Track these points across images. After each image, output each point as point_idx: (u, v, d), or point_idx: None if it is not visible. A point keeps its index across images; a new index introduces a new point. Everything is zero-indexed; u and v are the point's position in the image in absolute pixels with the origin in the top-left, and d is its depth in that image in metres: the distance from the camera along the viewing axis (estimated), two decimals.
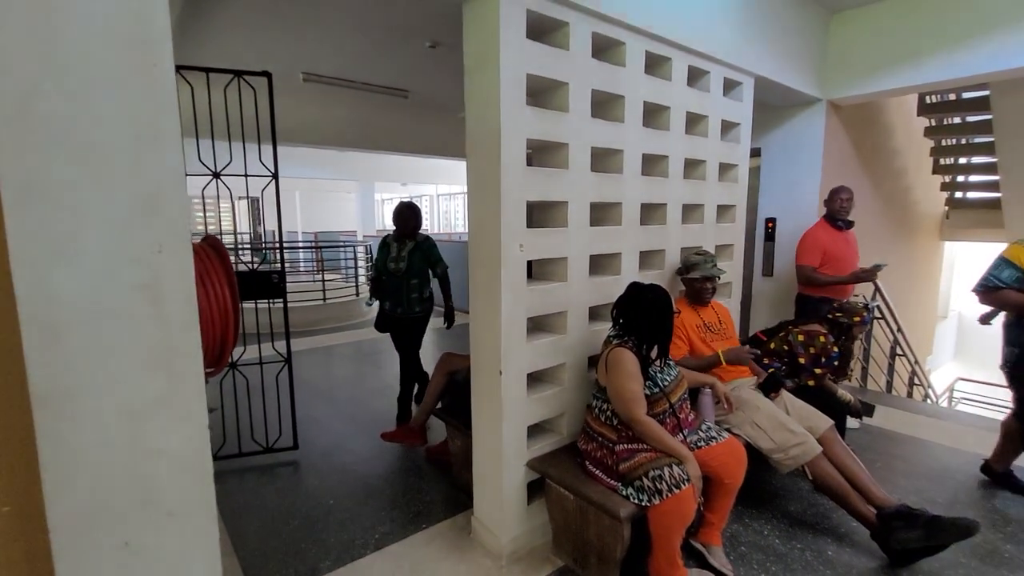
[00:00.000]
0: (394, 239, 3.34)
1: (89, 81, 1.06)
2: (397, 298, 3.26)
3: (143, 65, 1.13)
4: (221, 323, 1.82)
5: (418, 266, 3.26)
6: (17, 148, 1.01)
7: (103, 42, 1.07)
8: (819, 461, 2.15)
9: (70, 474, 1.12)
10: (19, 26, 0.99)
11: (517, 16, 1.83)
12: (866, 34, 3.47)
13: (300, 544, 2.20)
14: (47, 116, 1.03)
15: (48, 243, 1.05)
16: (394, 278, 3.25)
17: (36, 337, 1.06)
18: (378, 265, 3.36)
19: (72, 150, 1.06)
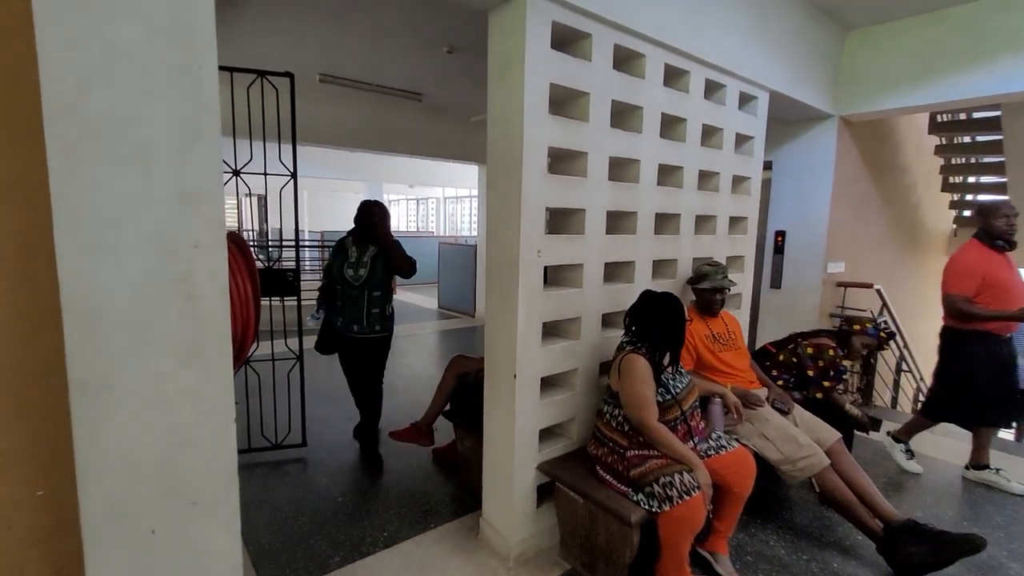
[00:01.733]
0: (353, 243, 2.81)
1: (137, 82, 1.10)
2: (354, 313, 2.77)
3: (188, 67, 1.16)
4: (243, 318, 1.85)
5: (381, 275, 2.77)
6: (66, 145, 1.05)
7: (151, 45, 1.11)
8: (826, 473, 2.17)
9: (102, 461, 1.15)
10: (74, 30, 1.02)
11: (543, 26, 1.86)
12: (880, 52, 3.50)
13: (309, 540, 2.23)
14: (97, 115, 1.07)
15: (92, 235, 1.08)
16: (351, 288, 2.75)
17: (77, 326, 1.09)
18: (332, 272, 2.82)
19: (118, 147, 1.09)
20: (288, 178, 2.85)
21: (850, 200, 4.00)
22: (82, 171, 1.05)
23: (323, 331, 2.95)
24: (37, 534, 1.16)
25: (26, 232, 1.07)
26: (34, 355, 1.11)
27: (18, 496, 1.14)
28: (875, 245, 4.61)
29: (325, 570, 2.04)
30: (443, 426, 2.86)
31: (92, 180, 1.06)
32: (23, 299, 1.09)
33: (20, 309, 1.09)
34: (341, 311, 2.82)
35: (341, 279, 2.77)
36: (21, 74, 1.03)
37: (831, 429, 2.35)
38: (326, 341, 2.96)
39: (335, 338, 2.92)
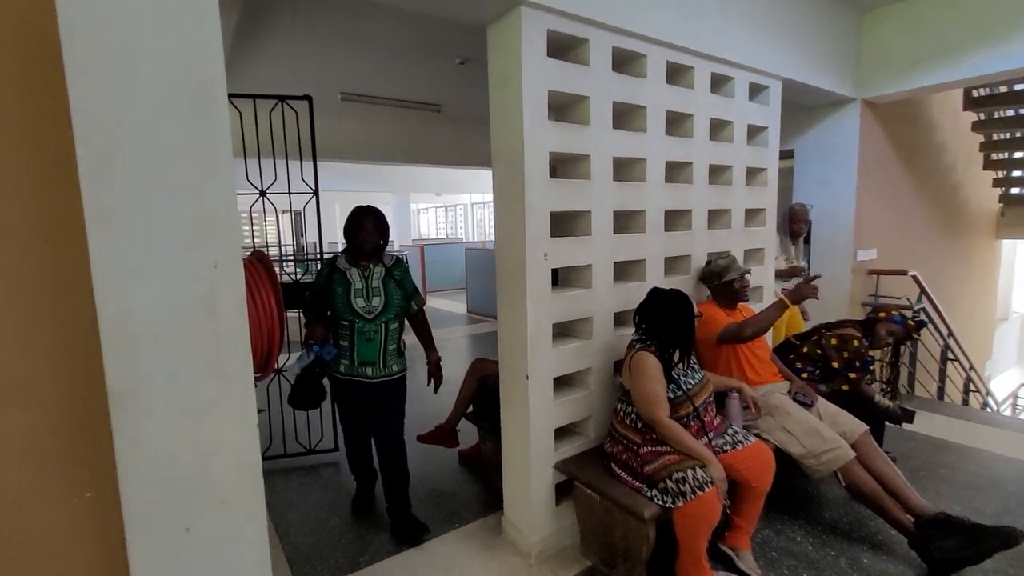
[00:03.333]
0: (351, 262, 2.25)
1: (160, 119, 1.21)
2: (369, 353, 2.21)
3: (203, 104, 1.27)
4: (268, 330, 1.97)
5: (399, 303, 2.26)
6: (101, 179, 1.17)
7: (172, 86, 1.22)
8: (852, 467, 2.12)
9: (140, 465, 1.26)
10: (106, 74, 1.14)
11: (538, 37, 1.92)
12: (901, 31, 3.39)
13: (340, 539, 2.33)
14: (125, 150, 1.18)
15: (124, 261, 1.20)
16: (364, 323, 2.20)
17: (113, 343, 1.21)
18: (333, 302, 2.23)
19: (145, 179, 1.21)
20: (310, 195, 2.99)
21: (879, 184, 3.87)
22: (113, 204, 1.17)
23: (306, 377, 2.27)
24: (87, 533, 1.29)
25: (67, 261, 1.20)
26: (79, 370, 1.23)
27: (68, 498, 1.27)
28: (910, 230, 4.42)
29: (355, 568, 2.14)
30: (470, 429, 2.93)
31: (122, 212, 1.18)
32: (66, 321, 1.21)
33: (64, 329, 1.22)
34: (349, 352, 2.22)
35: (349, 312, 2.19)
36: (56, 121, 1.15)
37: (857, 421, 2.29)
38: (310, 390, 2.30)
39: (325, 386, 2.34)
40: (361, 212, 2.26)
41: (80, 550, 1.28)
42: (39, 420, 1.22)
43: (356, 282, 2.23)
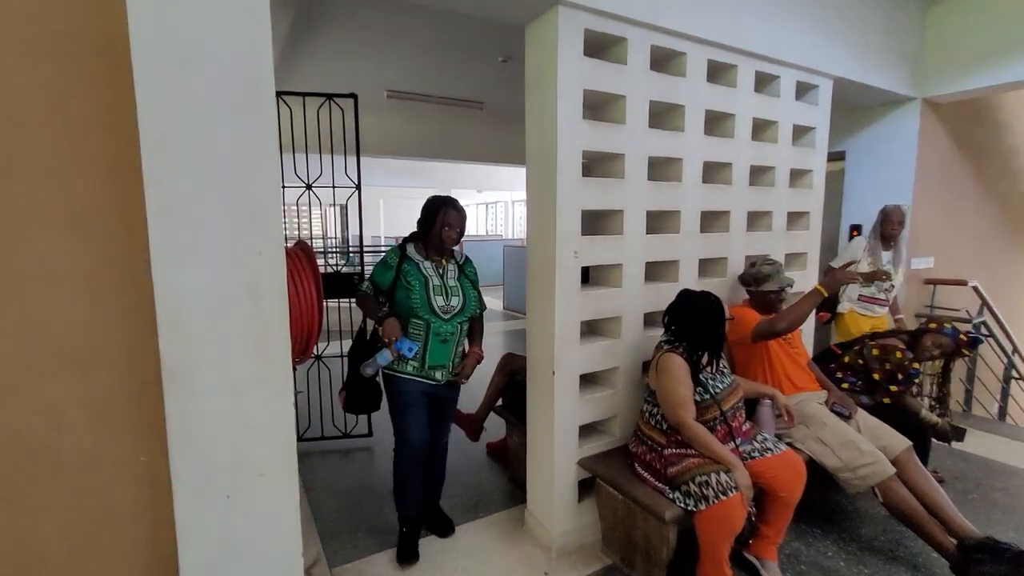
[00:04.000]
0: (424, 255, 2.06)
1: (211, 116, 1.31)
2: (442, 356, 2.04)
3: (252, 102, 1.36)
4: (308, 317, 2.08)
5: (476, 302, 2.14)
6: (159, 171, 1.27)
7: (222, 83, 1.31)
8: (891, 483, 2.04)
9: (188, 435, 1.37)
10: (162, 73, 1.24)
11: (574, 36, 1.93)
12: (967, 25, 3.18)
13: (371, 520, 2.43)
14: (182, 145, 1.28)
15: (178, 249, 1.30)
16: (441, 324, 2.01)
17: (168, 324, 1.32)
18: (414, 299, 1.99)
19: (198, 173, 1.31)
20: (353, 189, 3.11)
21: (938, 189, 3.65)
22: (170, 197, 1.27)
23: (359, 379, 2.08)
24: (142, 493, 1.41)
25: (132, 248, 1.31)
26: (140, 346, 1.35)
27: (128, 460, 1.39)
28: (973, 238, 4.15)
29: (382, 548, 2.22)
30: (499, 423, 2.97)
31: (178, 204, 1.28)
32: (130, 305, 1.33)
33: (127, 312, 1.33)
34: (420, 355, 2.02)
35: (426, 310, 1.98)
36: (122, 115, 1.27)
37: (899, 436, 2.19)
38: (367, 393, 2.15)
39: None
40: (445, 204, 2.02)
41: (135, 509, 1.41)
42: (102, 389, 1.34)
43: (432, 277, 2.02)
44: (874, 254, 3.21)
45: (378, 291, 2.10)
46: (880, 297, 3.24)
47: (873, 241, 3.23)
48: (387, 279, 2.06)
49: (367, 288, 2.13)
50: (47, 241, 1.25)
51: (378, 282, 2.09)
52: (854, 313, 3.28)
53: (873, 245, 3.22)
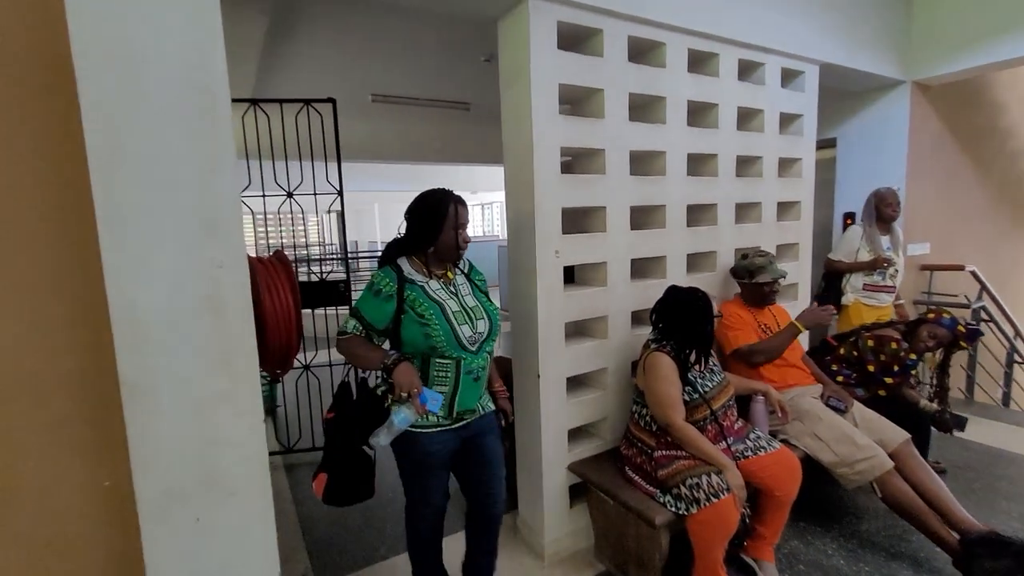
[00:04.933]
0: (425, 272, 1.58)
1: (165, 124, 1.25)
2: (471, 397, 1.58)
3: (206, 108, 1.31)
4: (285, 327, 2.02)
5: (498, 322, 1.66)
6: (109, 182, 1.22)
7: (172, 91, 1.25)
8: (890, 477, 1.98)
9: (152, 456, 1.31)
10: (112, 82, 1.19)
11: (547, 29, 1.88)
12: (956, 6, 3.12)
13: (361, 532, 2.38)
14: (133, 155, 1.23)
15: (131, 259, 1.25)
16: (471, 358, 1.55)
17: (125, 341, 1.26)
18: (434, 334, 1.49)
19: (150, 182, 1.25)
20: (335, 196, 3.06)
21: (932, 173, 3.59)
22: (121, 207, 1.22)
23: (348, 460, 1.60)
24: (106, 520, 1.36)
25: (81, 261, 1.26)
26: (95, 365, 1.30)
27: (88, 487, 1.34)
28: (970, 221, 4.08)
29: (371, 561, 2.17)
30: None
31: (129, 214, 1.23)
32: (81, 317, 1.28)
33: (82, 330, 1.28)
34: (446, 402, 1.54)
35: (454, 346, 1.51)
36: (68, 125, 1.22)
37: (897, 429, 2.13)
38: (360, 473, 1.62)
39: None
40: (450, 199, 1.55)
41: (100, 537, 1.35)
42: (60, 412, 1.29)
43: (448, 301, 1.54)
44: (872, 241, 3.13)
45: (371, 332, 1.56)
46: (886, 284, 3.13)
47: (869, 227, 3.15)
48: (386, 314, 1.51)
49: (353, 328, 1.56)
50: None
51: (371, 319, 1.53)
52: (859, 304, 3.18)
53: (870, 232, 3.14)
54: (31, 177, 1.22)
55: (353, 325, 1.57)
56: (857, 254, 3.15)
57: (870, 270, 3.11)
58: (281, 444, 3.28)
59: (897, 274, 3.16)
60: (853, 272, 3.17)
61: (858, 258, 3.14)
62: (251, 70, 3.53)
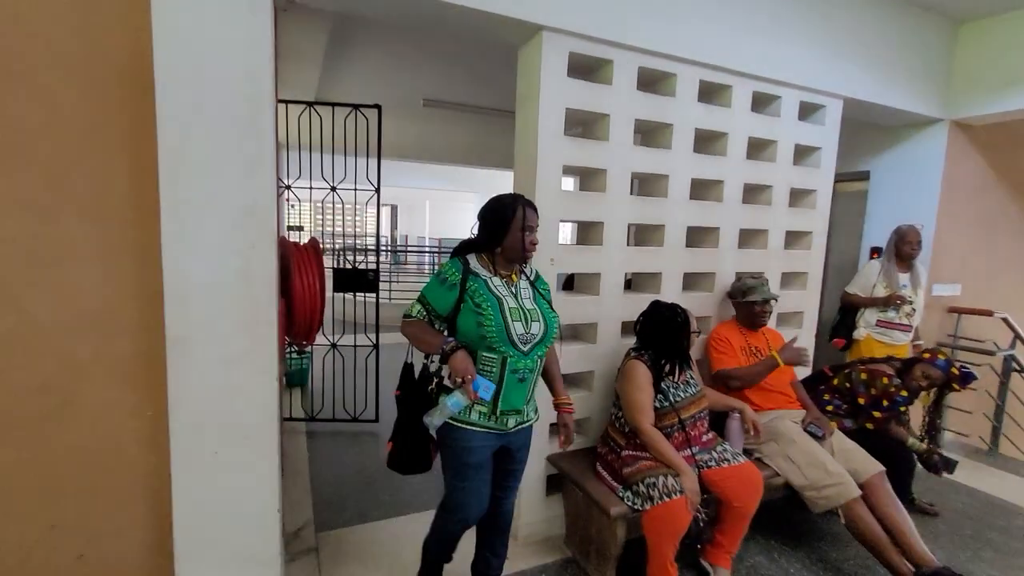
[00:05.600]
0: (491, 270, 1.64)
1: (218, 130, 1.55)
2: (518, 398, 1.62)
3: (253, 114, 1.60)
4: (311, 303, 2.32)
5: (555, 330, 1.69)
6: (173, 176, 1.52)
7: (228, 104, 1.55)
8: (855, 505, 2.04)
9: (184, 397, 1.61)
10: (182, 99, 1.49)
11: (559, 58, 2.07)
12: (1001, 45, 3.05)
13: (360, 496, 2.65)
14: (192, 155, 1.53)
15: (184, 238, 1.55)
16: (519, 357, 1.59)
17: (173, 301, 1.57)
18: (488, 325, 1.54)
19: (203, 177, 1.55)
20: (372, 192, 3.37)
21: (970, 215, 3.50)
22: (180, 196, 1.52)
23: (410, 432, 1.67)
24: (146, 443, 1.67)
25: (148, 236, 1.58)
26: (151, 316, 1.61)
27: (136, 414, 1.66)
28: (1016, 269, 3.92)
29: (364, 520, 2.44)
30: None
31: (186, 201, 1.53)
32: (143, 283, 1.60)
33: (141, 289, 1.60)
34: (494, 396, 1.58)
35: (503, 341, 1.55)
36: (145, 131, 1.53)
37: (872, 461, 2.18)
38: (422, 448, 1.70)
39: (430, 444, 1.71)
40: (520, 202, 1.61)
41: (140, 456, 1.67)
42: (121, 352, 1.61)
43: (506, 298, 1.59)
44: (889, 277, 3.12)
45: (433, 317, 1.63)
46: (900, 322, 3.11)
47: (888, 264, 3.14)
48: (449, 301, 1.59)
49: (418, 313, 1.64)
50: (78, 229, 1.53)
51: (435, 305, 1.61)
52: (870, 340, 3.16)
53: (888, 268, 3.13)
54: (117, 170, 1.55)
55: (418, 310, 1.65)
56: (873, 289, 3.14)
57: (884, 306, 3.10)
58: (306, 412, 3.63)
59: (914, 313, 3.12)
60: (867, 307, 3.16)
61: (874, 293, 3.13)
62: (315, 75, 3.91)
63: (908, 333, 3.14)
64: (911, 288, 3.11)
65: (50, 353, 1.52)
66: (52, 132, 1.48)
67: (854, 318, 3.23)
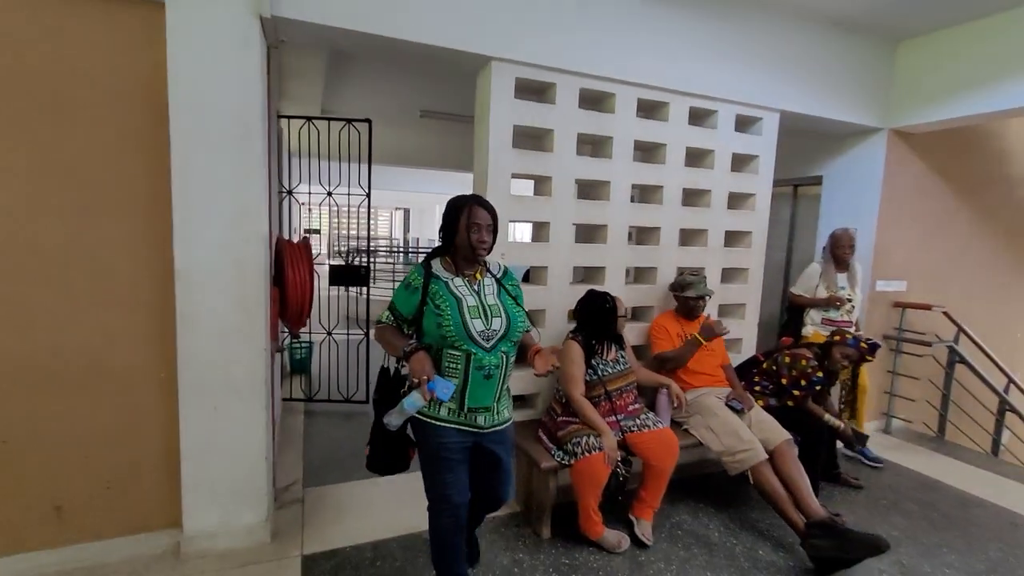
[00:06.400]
0: (453, 271, 1.71)
1: (218, 147, 1.96)
2: (484, 394, 1.67)
3: (245, 136, 2.00)
4: (301, 292, 2.72)
5: (521, 325, 1.72)
6: (183, 183, 1.93)
7: (226, 127, 1.96)
8: (761, 467, 2.36)
9: (190, 362, 2.02)
10: (189, 121, 1.90)
11: (506, 83, 2.44)
12: (935, 60, 3.33)
13: (345, 462, 3.03)
14: (197, 166, 1.93)
15: (191, 235, 1.96)
16: (483, 354, 1.63)
17: (183, 284, 1.97)
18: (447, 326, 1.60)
19: (206, 185, 1.95)
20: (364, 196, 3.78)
21: (913, 216, 3.76)
22: (189, 199, 1.93)
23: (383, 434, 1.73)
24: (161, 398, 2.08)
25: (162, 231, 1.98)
26: (164, 298, 2.01)
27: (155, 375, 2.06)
28: (966, 266, 4.15)
29: (348, 479, 2.81)
30: None
31: (193, 204, 1.94)
32: (159, 267, 2.00)
33: (157, 272, 2.01)
34: (456, 395, 1.64)
35: (464, 339, 1.61)
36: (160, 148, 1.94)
37: (781, 430, 2.49)
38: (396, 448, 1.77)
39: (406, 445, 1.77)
40: (468, 201, 1.67)
41: (154, 409, 2.07)
42: (141, 323, 2.02)
43: (466, 296, 1.65)
44: (828, 278, 3.37)
45: (401, 321, 1.72)
46: (842, 319, 3.34)
47: (826, 265, 3.40)
48: (412, 304, 1.66)
49: (387, 318, 1.74)
50: (109, 225, 1.94)
51: (401, 310, 1.70)
52: (819, 335, 3.32)
53: (827, 269, 3.39)
54: (140, 180, 1.96)
55: (387, 316, 1.74)
56: (816, 290, 3.40)
57: (825, 306, 3.35)
58: (304, 394, 4.04)
59: (853, 310, 3.37)
60: (810, 307, 3.42)
61: (816, 294, 3.39)
62: (318, 91, 4.33)
63: (850, 328, 3.34)
64: (848, 287, 3.37)
65: (87, 322, 1.94)
66: (91, 150, 1.89)
67: (801, 317, 3.48)
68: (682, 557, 2.26)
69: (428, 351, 1.61)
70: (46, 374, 1.92)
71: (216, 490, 2.11)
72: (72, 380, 1.95)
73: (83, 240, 1.91)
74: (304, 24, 2.09)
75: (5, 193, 1.81)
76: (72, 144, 1.87)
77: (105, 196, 1.93)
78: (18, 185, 1.82)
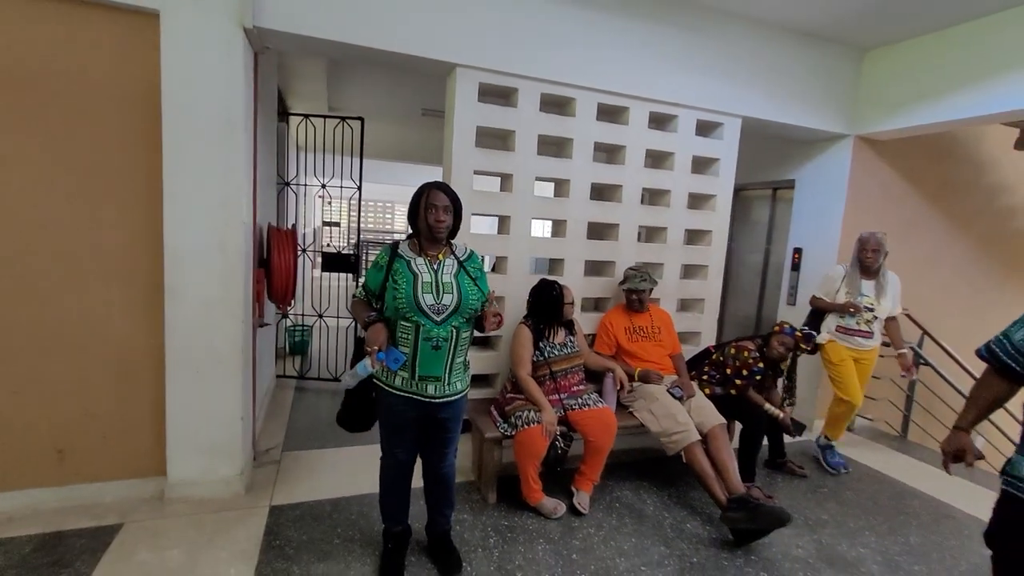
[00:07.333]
0: (417, 249, 1.89)
1: (205, 141, 2.23)
2: (433, 366, 1.84)
3: (229, 133, 2.26)
4: (285, 274, 2.99)
5: (476, 301, 1.89)
6: (174, 173, 2.21)
7: (213, 123, 2.22)
8: (693, 448, 2.55)
9: (177, 331, 2.30)
10: (180, 117, 2.17)
11: (470, 87, 2.67)
12: (899, 70, 3.45)
13: (322, 434, 3.30)
14: (186, 158, 2.21)
15: (180, 220, 2.23)
16: (431, 326, 1.80)
17: (171, 261, 2.25)
18: (400, 298, 1.79)
19: (194, 177, 2.23)
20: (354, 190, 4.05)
21: (881, 220, 3.86)
22: (177, 188, 2.21)
23: (355, 396, 2.01)
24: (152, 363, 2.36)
25: (154, 216, 2.27)
26: (154, 273, 2.30)
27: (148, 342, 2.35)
28: (939, 272, 4.24)
29: (322, 447, 3.09)
30: None
31: (181, 192, 2.22)
32: (151, 247, 2.29)
33: (149, 251, 2.29)
34: (408, 363, 1.82)
35: (413, 310, 1.78)
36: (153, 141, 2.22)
37: (717, 415, 2.67)
38: (360, 411, 2.02)
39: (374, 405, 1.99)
40: (427, 187, 1.84)
41: (146, 371, 2.36)
42: (136, 296, 2.31)
43: (423, 274, 1.81)
44: (852, 283, 3.14)
45: (370, 296, 1.92)
46: (860, 329, 3.15)
47: (851, 270, 3.17)
48: (378, 281, 1.86)
49: (359, 293, 1.97)
50: (110, 209, 2.23)
51: (370, 285, 1.90)
52: (835, 344, 3.22)
53: (851, 274, 3.16)
54: (136, 171, 2.24)
55: (359, 291, 1.98)
56: (837, 294, 3.19)
57: (840, 312, 3.16)
58: (296, 372, 4.34)
59: (875, 321, 3.15)
60: (827, 312, 3.25)
61: (837, 299, 3.18)
62: (322, 91, 4.61)
63: (870, 338, 3.17)
64: (874, 296, 3.12)
65: (88, 294, 2.23)
66: (95, 143, 2.18)
67: (821, 321, 3.30)
68: (613, 525, 2.47)
69: (386, 324, 1.83)
70: (53, 337, 2.22)
71: (197, 445, 2.39)
72: (75, 343, 2.25)
73: (86, 221, 2.20)
74: (283, 34, 2.35)
75: (22, 178, 2.11)
76: (79, 137, 2.16)
77: (106, 184, 2.21)
78: (34, 172, 2.12)
